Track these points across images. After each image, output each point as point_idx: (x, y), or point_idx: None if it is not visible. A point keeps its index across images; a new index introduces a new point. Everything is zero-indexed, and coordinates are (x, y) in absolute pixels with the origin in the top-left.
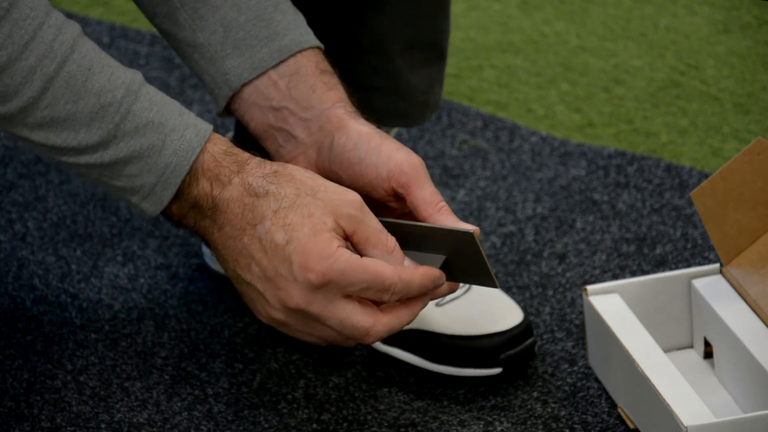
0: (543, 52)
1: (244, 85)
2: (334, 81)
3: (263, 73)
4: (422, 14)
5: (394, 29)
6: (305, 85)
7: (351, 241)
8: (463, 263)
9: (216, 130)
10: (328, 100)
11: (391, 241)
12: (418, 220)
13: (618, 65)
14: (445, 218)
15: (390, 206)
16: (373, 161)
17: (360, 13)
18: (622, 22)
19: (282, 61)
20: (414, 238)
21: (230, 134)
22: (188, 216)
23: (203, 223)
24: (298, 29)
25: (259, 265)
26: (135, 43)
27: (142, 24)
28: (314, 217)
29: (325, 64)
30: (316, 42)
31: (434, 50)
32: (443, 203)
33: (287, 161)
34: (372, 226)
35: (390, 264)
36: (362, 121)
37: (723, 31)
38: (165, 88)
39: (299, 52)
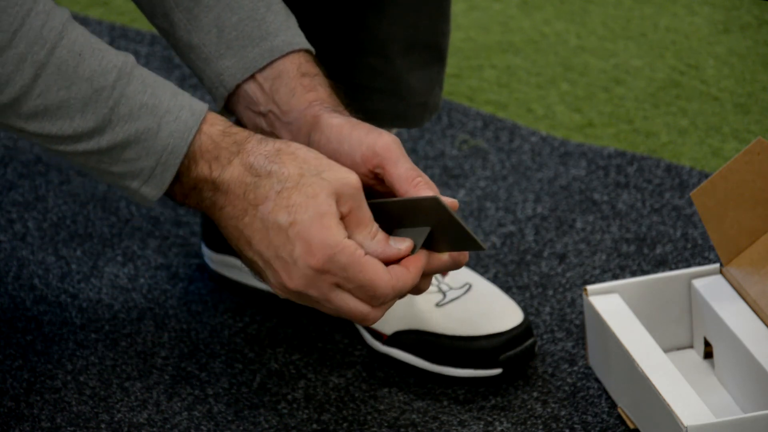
0: (543, 52)
1: (238, 86)
2: (314, 83)
3: (251, 77)
4: (422, 16)
5: (394, 31)
6: (286, 89)
7: (342, 220)
8: (444, 231)
9: None
10: (304, 102)
11: (375, 226)
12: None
13: (618, 65)
14: (423, 192)
15: (378, 189)
16: (346, 149)
17: (360, 15)
18: (622, 22)
19: (270, 63)
20: (396, 214)
21: None
22: (190, 197)
23: (205, 203)
24: (289, 30)
25: (260, 246)
26: (135, 43)
27: (142, 24)
28: (319, 198)
29: (307, 67)
30: (306, 44)
31: (434, 52)
32: (420, 178)
33: None
34: (365, 209)
35: (378, 249)
36: (335, 114)
37: (723, 31)
38: None
39: (287, 54)
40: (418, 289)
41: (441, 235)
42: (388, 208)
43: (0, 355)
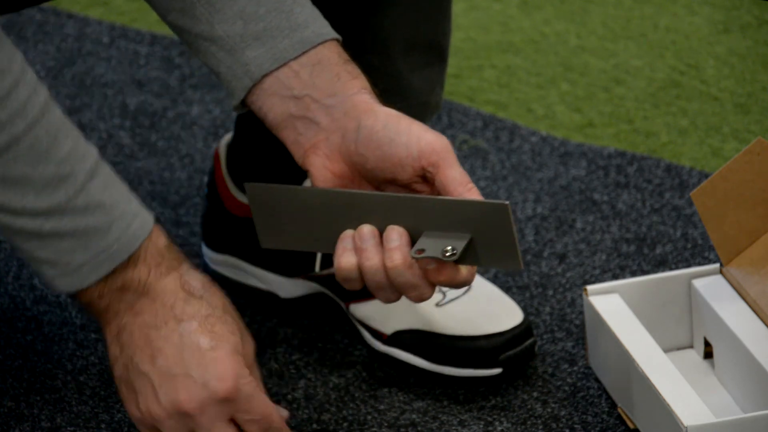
0: (543, 52)
1: (265, 75)
2: (357, 71)
3: (284, 64)
4: (423, 15)
5: (395, 30)
6: (329, 74)
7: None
8: (488, 241)
9: (216, 130)
10: (353, 87)
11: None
12: None
13: (618, 65)
14: (476, 198)
15: (415, 188)
16: (404, 141)
17: (361, 14)
18: (622, 22)
19: (304, 53)
20: (438, 215)
21: (229, 134)
22: (105, 297)
23: (118, 306)
24: (317, 21)
25: (168, 360)
26: (135, 43)
27: (142, 24)
28: (235, 336)
29: (346, 55)
30: (336, 34)
31: (435, 51)
32: (473, 184)
33: (306, 150)
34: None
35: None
36: (387, 107)
37: (723, 31)
38: (165, 88)
39: (320, 44)
40: (420, 297)
41: (481, 244)
42: (432, 206)
43: (0, 355)
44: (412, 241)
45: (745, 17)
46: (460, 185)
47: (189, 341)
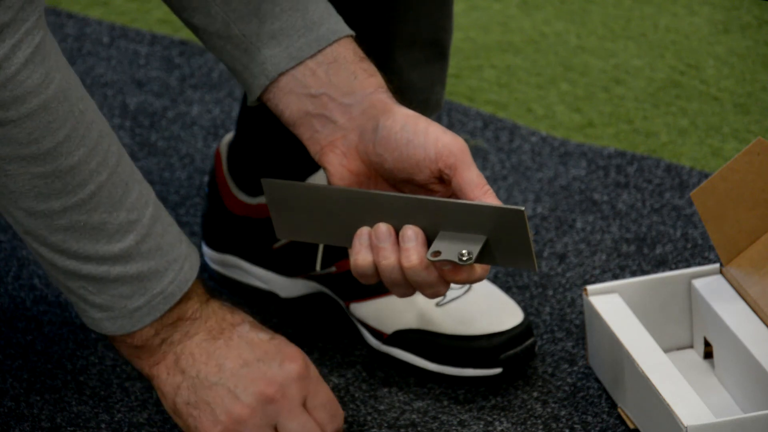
0: (543, 52)
1: (281, 74)
2: (373, 68)
3: (300, 63)
4: (424, 12)
5: (396, 27)
6: (346, 72)
7: None
8: (504, 244)
9: (216, 130)
10: (370, 86)
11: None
12: None
13: (618, 65)
14: (491, 201)
15: (432, 189)
16: (422, 142)
17: (361, 11)
18: (622, 22)
19: (319, 51)
20: (454, 217)
21: (230, 135)
22: (160, 333)
23: (173, 337)
24: (332, 18)
25: (236, 361)
26: (135, 43)
27: (142, 24)
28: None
29: (361, 52)
30: (350, 30)
31: (436, 49)
32: (489, 187)
33: (323, 146)
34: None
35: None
36: (405, 106)
37: (723, 31)
38: (165, 88)
39: (336, 41)
40: (436, 294)
41: (497, 247)
42: (449, 208)
43: (0, 355)
44: (428, 240)
45: (745, 17)
46: (477, 187)
47: (249, 338)
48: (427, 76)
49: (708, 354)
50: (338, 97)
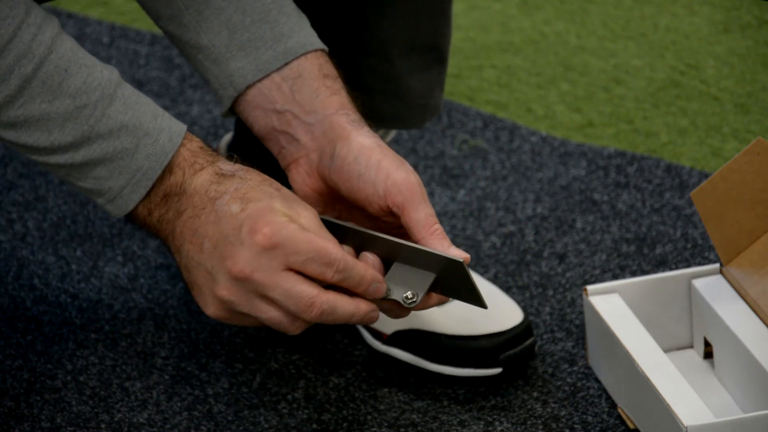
0: (543, 52)
1: (249, 87)
2: (337, 85)
3: (267, 76)
4: (423, 17)
5: (395, 32)
6: (308, 89)
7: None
8: (452, 284)
9: (216, 130)
10: (331, 106)
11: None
12: (411, 240)
13: (618, 65)
14: (438, 242)
15: (385, 220)
16: (371, 178)
17: (360, 16)
18: (622, 22)
19: (286, 64)
20: (406, 254)
21: (229, 134)
22: (154, 212)
23: (168, 215)
24: (303, 31)
25: (212, 240)
26: (135, 43)
27: (142, 24)
28: (272, 198)
29: (328, 68)
30: (320, 44)
31: (434, 53)
32: (437, 226)
33: (289, 163)
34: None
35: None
36: (365, 131)
37: (723, 31)
38: (165, 88)
39: (303, 54)
40: (397, 315)
41: (446, 285)
42: (398, 247)
43: (0, 355)
44: (386, 263)
45: (745, 17)
46: (424, 228)
47: (223, 212)
48: (426, 80)
49: (708, 354)
50: (301, 116)
